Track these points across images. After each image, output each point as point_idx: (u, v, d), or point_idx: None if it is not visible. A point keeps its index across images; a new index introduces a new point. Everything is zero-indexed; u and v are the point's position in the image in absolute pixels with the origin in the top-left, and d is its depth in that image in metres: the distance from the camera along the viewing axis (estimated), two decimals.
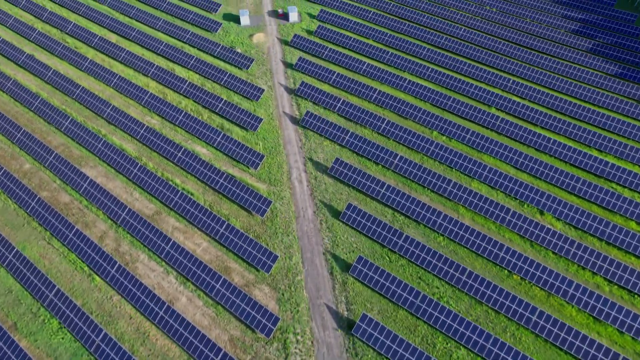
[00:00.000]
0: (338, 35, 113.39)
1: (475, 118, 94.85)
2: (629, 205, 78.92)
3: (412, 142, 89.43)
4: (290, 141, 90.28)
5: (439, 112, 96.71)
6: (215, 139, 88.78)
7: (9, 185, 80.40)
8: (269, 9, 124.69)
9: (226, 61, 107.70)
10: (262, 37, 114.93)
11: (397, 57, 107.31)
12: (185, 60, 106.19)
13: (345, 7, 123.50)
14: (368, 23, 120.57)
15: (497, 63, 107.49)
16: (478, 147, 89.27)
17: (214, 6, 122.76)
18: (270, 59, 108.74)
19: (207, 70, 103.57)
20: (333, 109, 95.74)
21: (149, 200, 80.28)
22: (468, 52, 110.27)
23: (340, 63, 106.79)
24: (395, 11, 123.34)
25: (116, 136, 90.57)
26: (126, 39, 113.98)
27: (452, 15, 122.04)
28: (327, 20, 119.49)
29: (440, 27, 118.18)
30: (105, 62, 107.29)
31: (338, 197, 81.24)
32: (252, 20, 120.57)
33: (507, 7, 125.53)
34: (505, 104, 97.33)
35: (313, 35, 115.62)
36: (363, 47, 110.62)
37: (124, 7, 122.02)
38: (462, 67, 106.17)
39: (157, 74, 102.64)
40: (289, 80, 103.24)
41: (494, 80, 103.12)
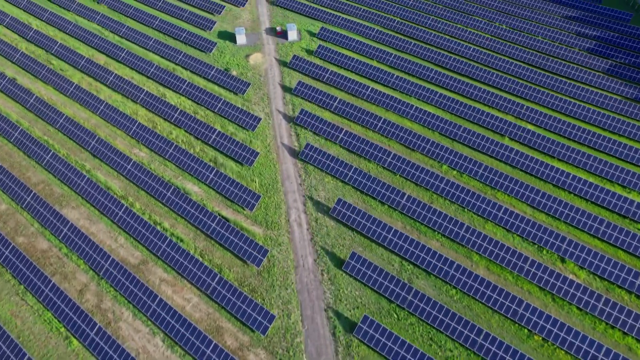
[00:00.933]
0: (339, 56, 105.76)
1: (487, 150, 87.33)
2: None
3: (421, 178, 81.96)
4: (288, 177, 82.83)
5: (449, 143, 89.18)
6: (208, 175, 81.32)
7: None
8: (266, 26, 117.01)
9: (221, 85, 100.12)
10: (260, 57, 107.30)
11: (402, 81, 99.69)
12: (177, 85, 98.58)
13: (347, 24, 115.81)
14: (371, 42, 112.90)
15: (509, 86, 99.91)
16: (491, 183, 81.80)
17: (209, 23, 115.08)
18: (267, 82, 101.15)
19: (200, 96, 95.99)
20: (335, 140, 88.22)
21: (135, 247, 72.88)
22: (477, 73, 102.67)
23: (342, 87, 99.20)
24: (400, 28, 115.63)
25: (101, 171, 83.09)
26: (115, 60, 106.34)
27: (459, 32, 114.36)
28: (327, 38, 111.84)
29: (447, 46, 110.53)
30: (92, 86, 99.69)
31: (341, 242, 73.83)
32: (248, 38, 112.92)
33: (517, 23, 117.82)
34: (519, 134, 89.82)
35: (313, 56, 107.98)
36: (366, 69, 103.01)
37: (114, 25, 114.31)
38: (471, 90, 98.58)
39: (146, 100, 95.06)
40: (287, 106, 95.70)
41: (505, 106, 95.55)
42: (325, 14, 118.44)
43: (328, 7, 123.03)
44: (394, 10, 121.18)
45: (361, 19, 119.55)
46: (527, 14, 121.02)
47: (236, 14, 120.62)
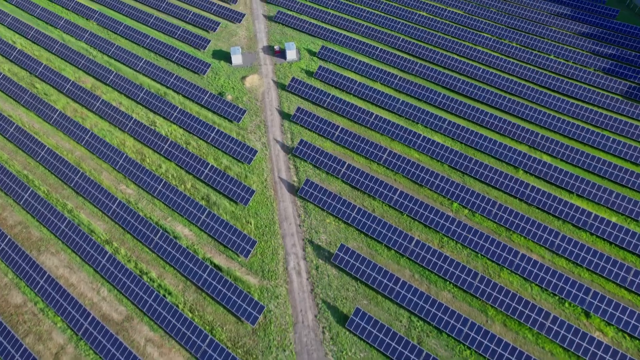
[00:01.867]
0: (341, 78, 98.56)
1: (500, 185, 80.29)
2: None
3: (430, 218, 74.97)
4: (287, 217, 75.83)
5: (459, 178, 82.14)
6: (199, 216, 74.34)
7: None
8: (264, 44, 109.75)
9: (215, 112, 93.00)
10: (256, 79, 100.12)
11: (408, 106, 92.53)
12: (168, 112, 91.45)
13: (349, 42, 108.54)
14: (375, 62, 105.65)
15: (521, 111, 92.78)
16: (506, 223, 74.82)
17: (203, 42, 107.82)
18: (264, 107, 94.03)
19: (193, 125, 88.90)
20: (336, 175, 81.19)
21: (120, 300, 65.95)
22: (487, 97, 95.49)
23: (344, 113, 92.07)
24: (405, 47, 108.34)
25: (84, 211, 76.10)
26: (103, 83, 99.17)
27: (468, 51, 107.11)
28: (329, 58, 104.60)
29: (455, 66, 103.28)
30: (78, 112, 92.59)
31: (344, 294, 66.90)
32: (245, 58, 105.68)
33: (528, 41, 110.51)
34: (534, 166, 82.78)
35: (313, 78, 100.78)
36: (370, 92, 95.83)
37: (103, 44, 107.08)
38: (481, 117, 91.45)
39: (135, 129, 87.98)
40: (285, 135, 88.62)
41: (518, 134, 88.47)
42: (325, 31, 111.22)
43: (329, 23, 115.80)
44: (398, 26, 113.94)
45: (364, 36, 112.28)
46: (538, 30, 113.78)
47: (232, 30, 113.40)
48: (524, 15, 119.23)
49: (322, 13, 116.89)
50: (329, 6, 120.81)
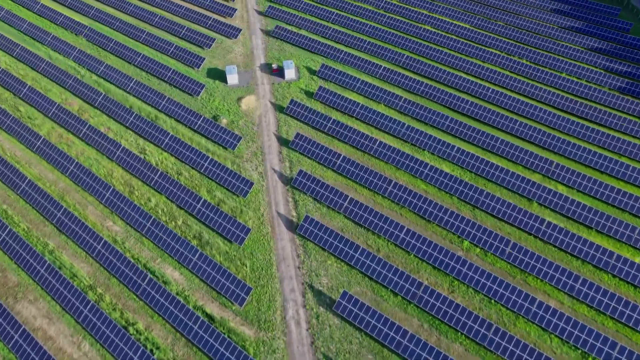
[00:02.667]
0: (343, 100, 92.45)
1: (514, 220, 74.34)
2: None
3: (439, 259, 69.02)
4: (285, 258, 69.89)
5: (469, 212, 76.17)
6: (191, 259, 68.36)
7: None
8: (261, 62, 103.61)
9: (209, 138, 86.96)
10: (253, 101, 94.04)
11: (414, 131, 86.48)
12: (159, 138, 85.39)
13: (351, 60, 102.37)
14: (378, 81, 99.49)
15: (533, 136, 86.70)
16: (521, 264, 68.89)
17: (197, 60, 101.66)
18: (262, 132, 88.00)
19: (185, 153, 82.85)
20: (339, 209, 75.22)
21: (102, 356, 60.03)
22: (497, 120, 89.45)
23: (346, 139, 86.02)
24: (410, 65, 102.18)
25: (67, 252, 70.16)
26: (91, 105, 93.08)
27: (476, 69, 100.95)
28: (329, 77, 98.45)
29: (463, 86, 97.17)
30: (63, 139, 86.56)
31: (347, 347, 61.00)
32: (241, 77, 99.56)
33: (539, 57, 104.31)
34: (549, 198, 76.81)
35: (313, 99, 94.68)
36: (373, 116, 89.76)
37: (92, 62, 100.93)
38: (492, 143, 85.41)
39: (123, 158, 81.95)
40: (284, 164, 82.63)
41: (532, 162, 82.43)
42: (326, 47, 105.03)
43: (329, 38, 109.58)
44: (402, 42, 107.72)
45: (366, 53, 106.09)
46: (549, 46, 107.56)
47: (228, 47, 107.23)
48: (533, 29, 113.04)
49: (323, 27, 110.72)
50: (330, 20, 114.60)
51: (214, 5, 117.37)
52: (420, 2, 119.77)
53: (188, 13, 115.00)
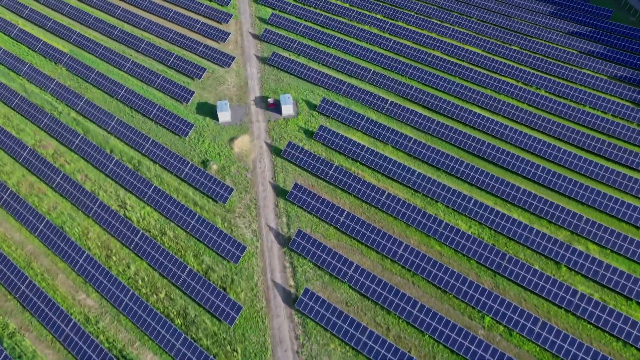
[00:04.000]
0: (346, 142, 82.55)
1: (541, 290, 64.65)
2: None
3: (457, 342, 59.42)
4: (282, 340, 60.28)
5: (490, 279, 66.47)
6: (174, 344, 58.73)
7: None
8: (256, 95, 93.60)
9: (197, 188, 77.15)
10: (247, 142, 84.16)
11: (426, 180, 76.73)
12: (142, 190, 75.59)
13: (354, 93, 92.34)
14: (385, 118, 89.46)
15: (558, 183, 76.85)
16: (552, 347, 59.31)
17: (186, 94, 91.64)
18: (256, 180, 78.19)
19: (170, 208, 73.07)
20: (342, 278, 65.58)
21: None
22: (518, 165, 79.63)
23: (351, 189, 76.21)
24: (419, 98, 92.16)
25: (30, 335, 60.52)
26: (68, 148, 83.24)
27: (491, 102, 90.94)
28: (331, 113, 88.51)
29: (478, 123, 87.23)
30: (34, 189, 76.79)
31: None
32: (234, 113, 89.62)
33: (558, 87, 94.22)
34: (581, 262, 67.14)
35: (313, 140, 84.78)
36: (380, 161, 79.91)
37: (71, 96, 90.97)
38: (512, 192, 75.60)
39: (101, 214, 72.20)
40: (280, 219, 72.90)
41: (558, 216, 72.66)
42: (327, 77, 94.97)
43: (331, 66, 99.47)
44: (410, 71, 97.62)
45: (371, 84, 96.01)
46: (568, 74, 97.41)
47: (220, 77, 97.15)
48: (551, 54, 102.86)
49: (323, 54, 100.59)
50: (331, 44, 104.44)
51: (206, 28, 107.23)
52: (428, 24, 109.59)
53: (177, 38, 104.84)
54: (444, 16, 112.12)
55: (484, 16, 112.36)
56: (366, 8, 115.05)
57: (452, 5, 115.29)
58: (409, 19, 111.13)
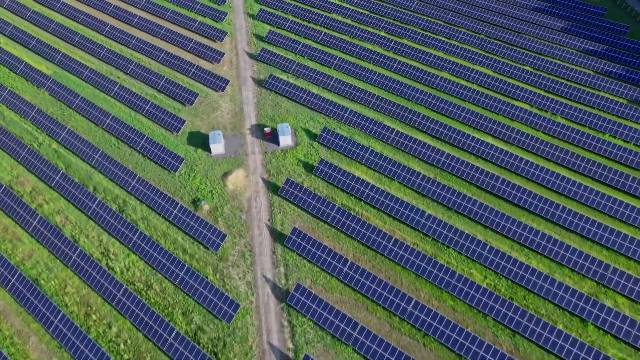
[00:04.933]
0: (349, 178, 75.44)
1: (567, 354, 57.70)
2: None
3: None
4: None
5: (509, 341, 59.53)
6: None
7: None
8: (252, 122, 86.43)
9: (186, 233, 70.10)
10: (241, 178, 77.05)
11: (436, 222, 69.70)
12: (127, 235, 68.51)
13: (357, 120, 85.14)
14: (391, 150, 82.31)
15: (580, 225, 69.88)
16: None
17: (177, 123, 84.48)
18: (251, 222, 71.14)
19: (157, 258, 66.02)
20: (347, 341, 58.59)
21: None
22: (536, 204, 72.60)
23: (355, 234, 69.17)
24: (426, 126, 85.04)
25: None
26: (47, 185, 76.11)
27: (506, 132, 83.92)
28: (332, 144, 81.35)
29: (491, 155, 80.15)
30: (8, 234, 69.71)
31: None
32: (227, 144, 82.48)
33: (576, 113, 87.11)
34: (610, 321, 60.18)
35: (313, 175, 77.68)
36: (386, 200, 72.83)
37: (52, 125, 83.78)
38: (530, 236, 68.68)
39: (81, 265, 65.15)
40: (278, 269, 65.90)
41: (582, 264, 65.69)
42: (328, 103, 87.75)
43: (332, 90, 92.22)
44: (416, 95, 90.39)
45: (375, 110, 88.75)
46: (586, 97, 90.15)
47: (213, 102, 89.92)
48: (567, 75, 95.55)
49: (323, 77, 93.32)
50: (332, 65, 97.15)
51: (199, 47, 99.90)
52: (434, 42, 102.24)
53: (169, 59, 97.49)
54: (451, 33, 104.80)
55: (493, 32, 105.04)
56: (369, 24, 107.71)
57: (459, 21, 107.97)
58: (415, 37, 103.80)
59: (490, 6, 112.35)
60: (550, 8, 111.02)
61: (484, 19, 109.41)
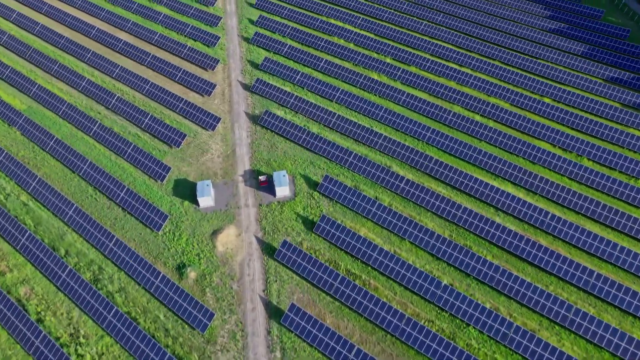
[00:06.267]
0: (354, 239, 65.78)
1: None
2: None
3: None
4: None
5: None
6: None
7: None
8: (245, 167, 76.70)
9: (169, 309, 60.45)
10: (233, 237, 67.41)
11: (454, 295, 60.15)
12: (100, 312, 58.86)
13: (364, 167, 75.40)
14: (401, 201, 72.53)
15: (613, 295, 60.33)
16: None
17: (161, 170, 74.71)
18: (244, 293, 61.57)
19: (135, 341, 56.41)
20: None
21: None
22: (559, 267, 63.07)
23: (362, 310, 59.61)
24: (440, 172, 75.34)
25: None
26: (12, 247, 66.32)
27: (524, 177, 74.18)
28: (336, 195, 71.60)
29: (512, 208, 70.51)
30: None
31: None
32: (217, 195, 72.76)
33: (604, 156, 77.42)
34: None
35: (313, 234, 68.03)
36: (397, 267, 63.21)
37: (22, 173, 74.01)
38: (560, 310, 59.22)
39: (45, 353, 55.54)
40: (274, 355, 56.46)
41: (624, 347, 56.20)
42: (329, 145, 77.97)
43: (334, 128, 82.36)
44: (427, 135, 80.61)
45: (382, 152, 78.95)
46: (615, 135, 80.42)
47: (203, 143, 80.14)
48: (589, 107, 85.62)
49: (325, 113, 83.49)
50: (334, 99, 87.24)
51: (189, 78, 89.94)
52: (445, 70, 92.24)
53: (155, 91, 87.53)
54: (464, 59, 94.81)
55: (509, 59, 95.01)
56: (374, 49, 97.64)
57: (472, 45, 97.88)
58: (424, 64, 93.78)
59: (505, 28, 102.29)
60: (569, 30, 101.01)
61: (498, 42, 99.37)
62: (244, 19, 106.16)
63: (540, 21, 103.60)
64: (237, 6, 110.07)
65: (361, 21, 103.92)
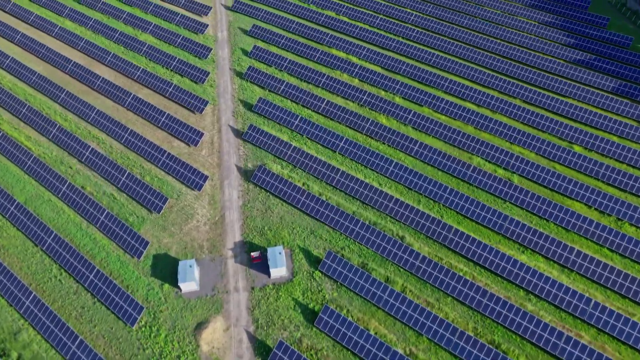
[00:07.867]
0: (365, 339, 54.48)
1: None
2: None
3: None
4: None
5: None
6: None
7: None
8: (236, 240, 65.21)
9: None
10: (219, 332, 56.11)
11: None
12: None
13: (373, 239, 63.91)
14: (415, 282, 61.18)
15: None
16: None
17: (138, 245, 63.21)
18: None
19: None
20: None
21: None
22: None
23: None
24: (459, 246, 63.86)
25: None
26: None
27: (548, 251, 62.92)
28: (341, 276, 60.15)
29: (549, 295, 59.23)
30: None
31: None
32: (203, 275, 61.35)
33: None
34: None
35: (316, 329, 56.69)
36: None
37: None
38: None
39: None
40: None
41: None
42: (333, 211, 66.50)
43: (338, 187, 70.84)
44: (444, 195, 69.14)
45: (394, 218, 67.45)
46: None
47: (187, 207, 68.62)
48: (626, 157, 74.14)
49: (328, 169, 72.00)
50: (337, 149, 75.72)
51: (174, 125, 78.36)
52: (462, 112, 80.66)
53: (135, 141, 75.95)
54: (482, 98, 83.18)
55: (530, 97, 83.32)
56: (382, 86, 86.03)
57: (491, 81, 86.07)
58: (437, 104, 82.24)
59: (526, 59, 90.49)
60: (594, 61, 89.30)
61: (518, 76, 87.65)
62: (237, 48, 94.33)
63: (562, 50, 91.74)
64: (230, 33, 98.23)
65: (366, 52, 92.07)
